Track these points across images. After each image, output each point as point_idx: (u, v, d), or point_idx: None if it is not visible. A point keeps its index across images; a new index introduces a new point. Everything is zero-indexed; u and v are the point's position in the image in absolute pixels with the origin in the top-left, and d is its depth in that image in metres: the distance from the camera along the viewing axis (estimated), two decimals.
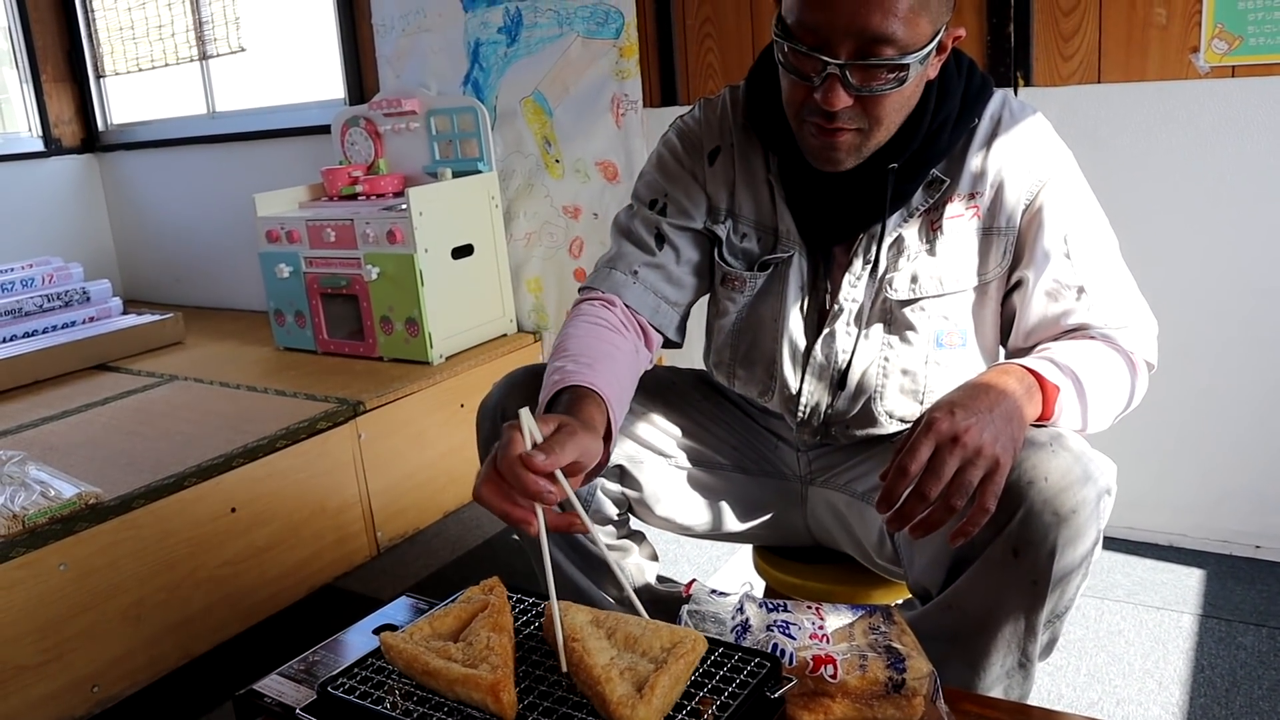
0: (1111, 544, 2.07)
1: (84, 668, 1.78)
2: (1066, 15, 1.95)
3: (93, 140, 3.88)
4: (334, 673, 0.86)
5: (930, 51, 1.03)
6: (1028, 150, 1.13)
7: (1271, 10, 1.76)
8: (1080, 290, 1.11)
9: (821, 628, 0.97)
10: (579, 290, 1.25)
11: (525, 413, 0.90)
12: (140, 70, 3.66)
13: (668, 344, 1.27)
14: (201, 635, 1.96)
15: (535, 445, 0.89)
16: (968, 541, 0.93)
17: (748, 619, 0.98)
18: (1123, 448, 1.96)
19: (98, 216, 3.93)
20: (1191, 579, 1.94)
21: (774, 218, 1.21)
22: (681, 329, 1.28)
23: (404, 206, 2.47)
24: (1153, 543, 2.07)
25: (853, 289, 1.18)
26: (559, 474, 0.88)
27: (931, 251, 1.15)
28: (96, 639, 1.79)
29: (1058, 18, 1.96)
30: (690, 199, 1.24)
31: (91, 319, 3.13)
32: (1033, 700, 1.08)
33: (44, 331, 3.00)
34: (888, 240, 1.15)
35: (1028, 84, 2.01)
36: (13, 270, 3.13)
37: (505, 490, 0.88)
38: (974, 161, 1.14)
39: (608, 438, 1.02)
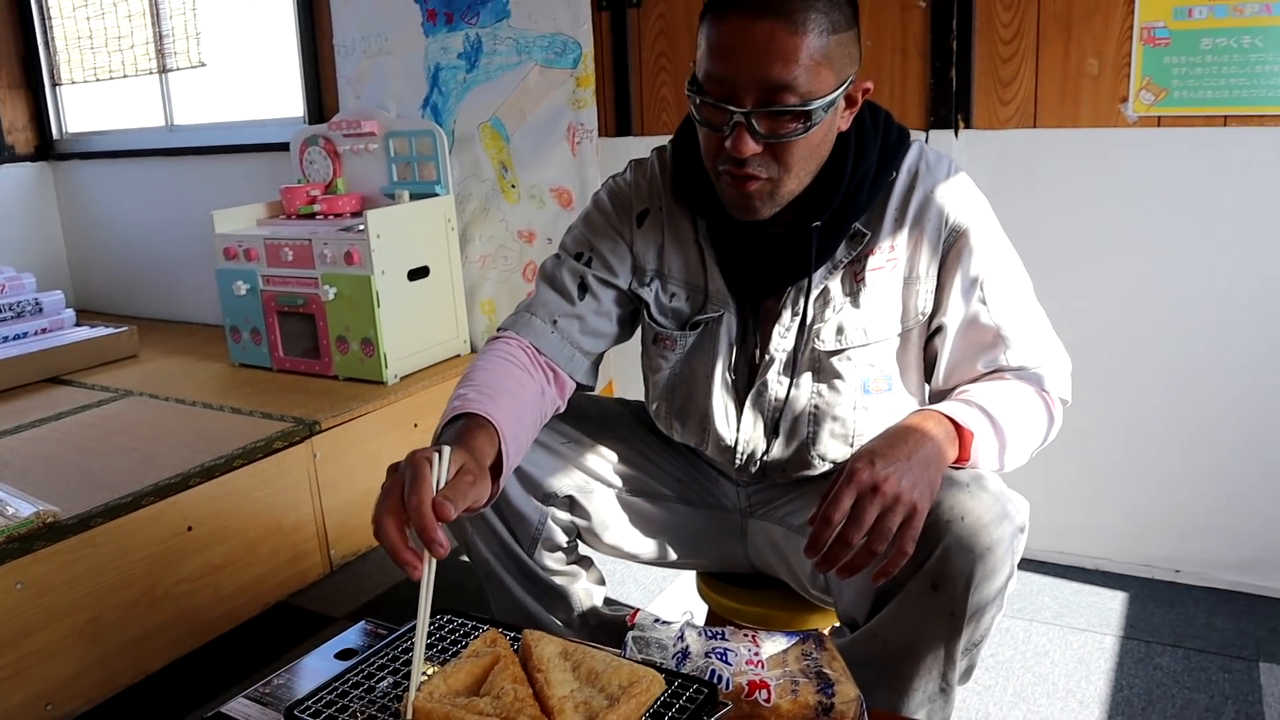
0: (1040, 568, 2.16)
1: (38, 686, 1.79)
2: (1005, 62, 2.04)
3: (47, 148, 3.86)
4: (299, 696, 0.91)
5: (834, 101, 1.09)
6: (944, 201, 1.19)
7: (1194, 66, 1.87)
8: (996, 334, 1.18)
9: (757, 654, 1.04)
10: (497, 329, 1.28)
11: (447, 451, 0.95)
12: (98, 80, 3.65)
13: (580, 387, 1.31)
14: (156, 653, 1.98)
15: (440, 488, 0.92)
16: (889, 579, 1.00)
17: (688, 646, 1.04)
18: (1053, 477, 2.06)
19: (50, 226, 3.90)
20: (1115, 602, 2.03)
21: (704, 277, 1.27)
22: (593, 374, 1.32)
23: (362, 228, 2.51)
24: (1079, 566, 2.17)
25: (782, 339, 1.24)
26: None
27: (855, 303, 1.21)
28: (51, 657, 1.81)
29: (997, 64, 2.05)
30: (616, 257, 1.29)
31: (44, 330, 3.11)
32: (958, 719, 1.16)
33: None
34: (814, 293, 1.21)
35: (968, 126, 2.10)
36: None
37: (403, 530, 0.91)
38: (893, 214, 1.20)
39: (497, 468, 1.06)
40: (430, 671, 0.92)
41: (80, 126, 3.87)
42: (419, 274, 2.66)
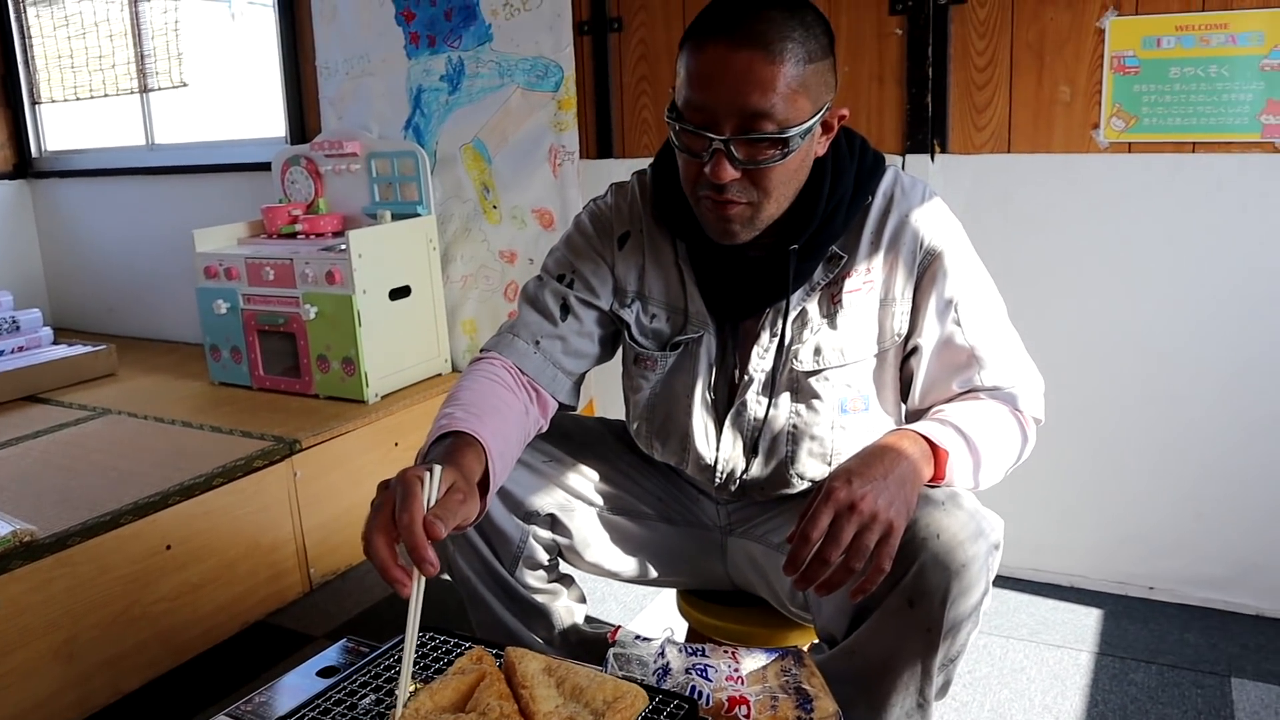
0: (1016, 585, 2.19)
1: (13, 706, 1.78)
2: (980, 89, 2.08)
3: (25, 166, 3.85)
4: (281, 714, 0.91)
5: (811, 128, 1.11)
6: (918, 224, 1.22)
7: (1162, 94, 1.92)
8: (971, 354, 1.21)
9: (737, 670, 1.05)
10: (480, 350, 1.30)
11: (438, 470, 0.96)
12: (78, 99, 3.65)
13: (562, 407, 1.33)
14: (133, 672, 1.97)
15: (430, 506, 0.93)
16: (867, 596, 1.02)
17: (668, 663, 1.06)
18: (1028, 496, 2.09)
19: (28, 244, 3.89)
20: (1090, 618, 2.06)
21: (684, 299, 1.29)
22: (575, 393, 1.34)
23: (343, 247, 2.52)
24: (1055, 583, 2.19)
25: (761, 360, 1.26)
26: None
27: (832, 324, 1.23)
28: (27, 676, 1.80)
29: (972, 91, 2.09)
30: (598, 278, 1.31)
31: (21, 348, 3.10)
32: None
33: None
34: (792, 314, 1.23)
35: (944, 151, 2.14)
36: None
37: (393, 547, 0.92)
38: (869, 237, 1.23)
39: (484, 486, 1.08)
40: (415, 688, 0.92)
41: (60, 145, 3.87)
42: (400, 293, 2.67)
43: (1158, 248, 1.99)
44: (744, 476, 1.30)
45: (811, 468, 1.28)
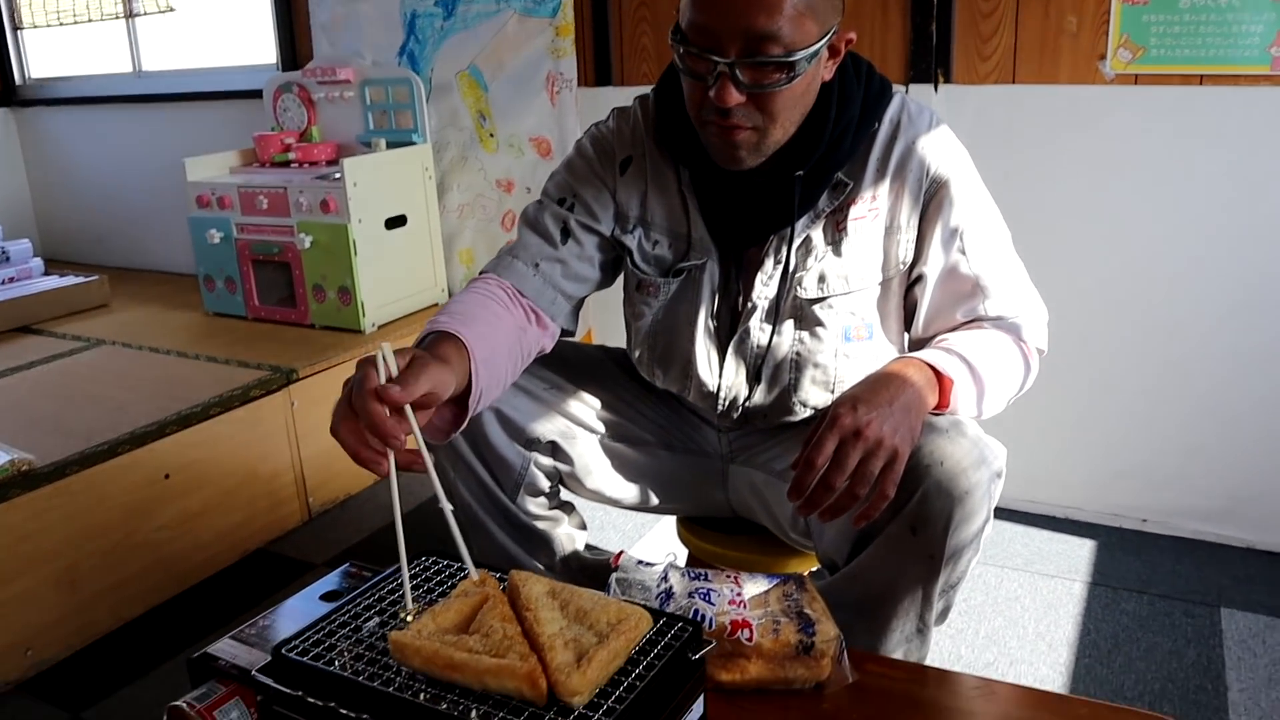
0: (1011, 516, 2.21)
1: (17, 632, 1.80)
2: (985, 18, 2.04)
3: (9, 94, 3.78)
4: (286, 636, 0.91)
5: (818, 51, 1.09)
6: (925, 152, 1.20)
7: (1171, 25, 1.88)
8: (976, 283, 1.20)
9: (739, 595, 1.06)
10: (479, 273, 1.28)
11: (386, 347, 0.95)
12: (61, 24, 3.57)
13: (561, 333, 1.32)
14: (135, 599, 1.99)
15: (390, 379, 0.93)
16: (870, 523, 1.02)
17: (671, 586, 1.06)
18: (1025, 427, 2.10)
19: (15, 174, 3.83)
20: (1084, 549, 2.08)
21: (686, 225, 1.27)
22: (574, 318, 1.33)
23: (338, 176, 2.49)
24: (1050, 515, 2.21)
25: (765, 287, 1.24)
26: (409, 411, 0.93)
27: (837, 251, 1.22)
28: (29, 604, 1.81)
29: (977, 20, 2.05)
30: (599, 204, 1.29)
31: (11, 280, 3.08)
32: (933, 660, 1.19)
33: None
34: (796, 241, 1.22)
35: (948, 81, 2.10)
36: None
37: (360, 430, 0.93)
38: (874, 164, 1.21)
39: (469, 396, 1.06)
40: (418, 610, 0.93)
41: (44, 72, 3.79)
42: (396, 223, 2.65)
43: (1161, 181, 1.97)
44: (746, 404, 1.30)
45: (814, 395, 1.27)
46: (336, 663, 0.87)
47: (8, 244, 3.14)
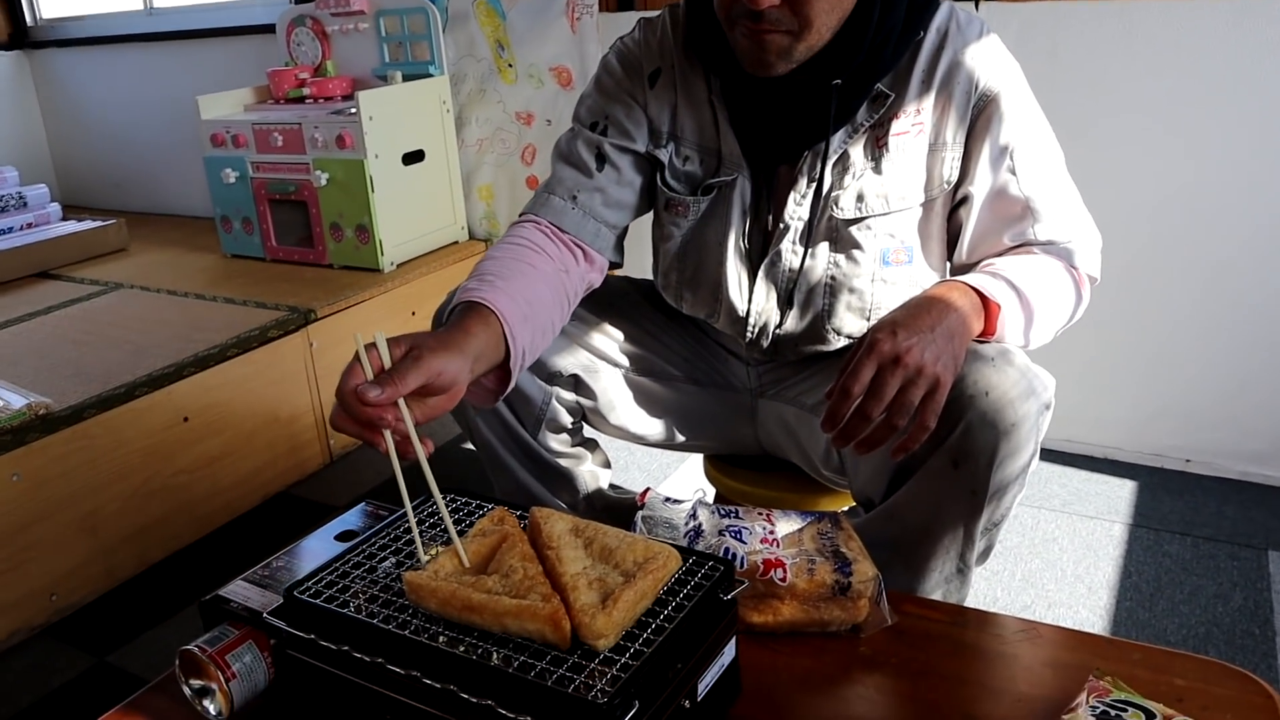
0: (1049, 455, 2.14)
1: (41, 578, 1.79)
2: None
3: (21, 36, 3.72)
4: (299, 578, 0.88)
5: None
6: (974, 64, 1.12)
7: None
8: (1026, 205, 1.12)
9: (772, 533, 1.01)
10: (519, 214, 1.23)
11: (380, 336, 0.91)
12: None
13: (610, 265, 1.27)
14: (157, 543, 1.97)
15: (380, 374, 0.89)
16: (909, 456, 0.96)
17: (700, 524, 1.01)
18: (1063, 364, 2.01)
19: (30, 118, 3.78)
20: (1124, 490, 2.02)
21: (717, 140, 1.20)
22: (619, 249, 1.27)
23: (353, 111, 2.42)
24: (1088, 455, 2.15)
25: (798, 207, 1.17)
26: (401, 404, 0.88)
27: (877, 169, 1.14)
28: (53, 549, 1.80)
29: None
30: (632, 120, 1.22)
31: (30, 225, 3.05)
32: (970, 602, 1.13)
33: None
34: (832, 158, 1.14)
35: None
36: None
37: (352, 421, 0.89)
38: (919, 76, 1.13)
39: (509, 360, 1.02)
40: (436, 551, 0.88)
41: (55, 12, 3.72)
42: (414, 158, 2.58)
43: (1217, 103, 1.86)
44: (777, 330, 1.24)
45: (849, 323, 1.21)
46: (351, 604, 0.83)
47: (25, 189, 3.10)
